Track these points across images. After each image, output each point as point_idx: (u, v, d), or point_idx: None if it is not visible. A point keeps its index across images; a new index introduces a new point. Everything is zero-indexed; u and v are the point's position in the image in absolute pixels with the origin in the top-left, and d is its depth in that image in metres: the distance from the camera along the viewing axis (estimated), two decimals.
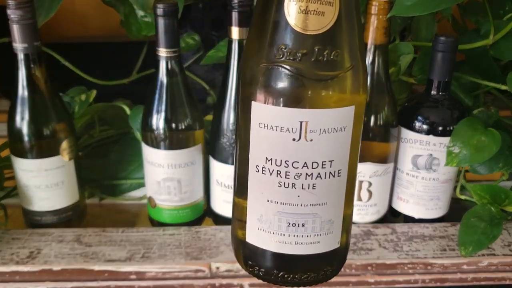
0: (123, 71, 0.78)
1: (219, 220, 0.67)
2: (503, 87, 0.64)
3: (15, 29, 0.56)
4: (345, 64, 0.29)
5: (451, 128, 0.61)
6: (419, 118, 0.62)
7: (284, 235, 0.32)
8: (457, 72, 0.68)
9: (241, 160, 0.32)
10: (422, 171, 0.64)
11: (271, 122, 0.29)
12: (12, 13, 0.56)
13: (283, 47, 0.28)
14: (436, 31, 0.68)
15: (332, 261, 0.34)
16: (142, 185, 0.74)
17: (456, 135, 0.60)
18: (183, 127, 0.61)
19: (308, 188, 0.31)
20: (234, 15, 0.56)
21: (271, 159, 0.30)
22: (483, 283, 0.60)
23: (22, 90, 0.60)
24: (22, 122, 0.60)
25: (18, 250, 0.60)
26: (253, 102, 0.30)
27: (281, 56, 0.28)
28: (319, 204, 0.31)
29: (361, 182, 0.64)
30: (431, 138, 0.62)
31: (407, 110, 0.64)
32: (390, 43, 0.67)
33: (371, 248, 0.62)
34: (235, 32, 0.57)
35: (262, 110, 0.30)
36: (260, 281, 0.59)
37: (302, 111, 0.29)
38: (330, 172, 0.31)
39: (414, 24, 0.69)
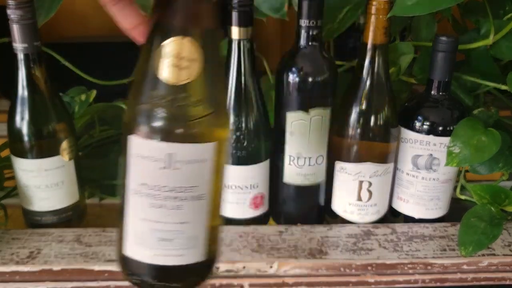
0: (123, 71, 0.78)
1: None
2: (503, 87, 0.64)
3: (15, 29, 0.56)
4: (206, 110, 0.36)
5: (451, 128, 0.61)
6: (419, 118, 0.62)
7: (156, 249, 0.38)
8: (457, 72, 0.68)
9: (122, 184, 0.38)
10: (422, 171, 0.64)
11: (144, 153, 0.36)
12: (12, 13, 0.56)
13: (154, 93, 0.35)
14: (436, 31, 0.68)
15: (198, 271, 0.40)
16: None
17: (456, 135, 0.60)
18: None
19: (175, 209, 0.36)
20: (234, 15, 0.56)
21: (145, 183, 0.36)
22: (483, 283, 0.60)
23: (22, 90, 0.60)
24: (22, 122, 0.60)
25: (18, 250, 0.60)
26: (130, 136, 0.36)
27: (153, 101, 0.35)
28: (184, 223, 0.37)
29: (361, 182, 0.64)
30: (431, 138, 0.62)
31: (407, 110, 0.64)
32: (390, 43, 0.68)
33: (371, 248, 0.62)
34: (235, 32, 0.57)
35: (137, 143, 0.36)
36: (259, 281, 0.59)
37: (170, 145, 0.35)
38: (193, 196, 0.37)
39: (414, 24, 0.69)
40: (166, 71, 0.34)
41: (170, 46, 0.34)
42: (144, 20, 0.38)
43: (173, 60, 0.34)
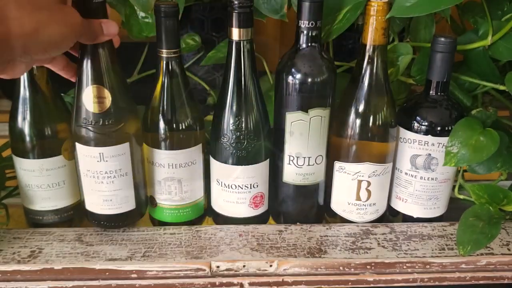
0: (124, 71, 0.78)
1: (220, 219, 0.67)
2: (502, 88, 0.65)
3: None
4: (119, 124, 0.57)
5: (450, 128, 0.62)
6: (418, 118, 0.63)
7: (102, 205, 0.62)
8: (455, 73, 0.68)
9: (78, 170, 0.61)
10: (420, 171, 0.64)
11: (85, 153, 0.58)
12: None
13: (85, 117, 0.56)
14: (435, 31, 0.68)
15: (130, 216, 0.64)
16: None
17: (454, 135, 0.60)
18: (184, 127, 0.61)
19: (111, 183, 0.60)
20: (234, 16, 0.56)
21: (89, 170, 0.59)
22: (481, 282, 0.61)
23: (24, 90, 0.60)
24: (24, 122, 0.61)
25: (19, 250, 0.60)
26: (75, 143, 0.58)
27: (86, 122, 0.56)
28: (117, 190, 0.60)
29: (360, 181, 0.64)
30: (429, 138, 0.62)
31: (406, 110, 0.64)
32: (389, 43, 0.68)
33: (370, 247, 0.62)
34: (235, 33, 0.57)
35: (79, 147, 0.58)
36: (259, 280, 0.60)
37: (101, 148, 0.58)
38: (120, 175, 0.60)
39: (413, 25, 0.69)
40: (89, 104, 0.56)
41: (90, 91, 0.55)
42: (68, 63, 0.55)
43: (92, 97, 0.55)
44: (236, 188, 0.63)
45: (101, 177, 0.59)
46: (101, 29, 0.52)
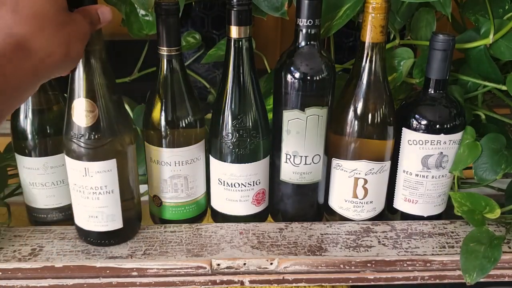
0: (124, 69, 0.78)
1: (220, 217, 0.67)
2: (503, 88, 0.65)
3: None
4: (105, 140, 0.56)
5: (449, 126, 0.61)
6: (429, 119, 0.62)
7: (88, 222, 0.60)
8: (456, 73, 0.68)
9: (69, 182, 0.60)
10: (432, 170, 0.64)
11: (72, 167, 0.58)
12: None
13: (73, 130, 0.55)
14: (436, 30, 0.68)
15: (117, 236, 0.62)
16: (142, 181, 0.74)
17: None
18: (188, 124, 0.61)
19: (96, 200, 0.58)
20: (233, 14, 0.56)
21: (75, 184, 0.58)
22: (481, 280, 0.61)
23: None
24: (26, 120, 0.61)
25: (20, 248, 0.60)
26: (65, 156, 0.58)
27: (72, 135, 0.56)
28: (103, 207, 0.59)
29: (356, 179, 0.64)
30: (442, 137, 0.62)
31: (410, 112, 0.63)
32: (389, 42, 0.68)
33: (371, 245, 0.62)
34: (234, 31, 0.57)
35: (68, 161, 0.58)
36: (260, 278, 0.60)
37: (86, 163, 0.57)
38: (106, 191, 0.58)
39: (414, 23, 0.69)
40: (78, 118, 0.55)
41: (79, 103, 0.54)
42: None
43: (80, 111, 0.54)
44: (240, 186, 0.63)
45: (87, 192, 0.58)
46: (98, 18, 0.50)
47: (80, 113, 0.54)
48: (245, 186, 0.64)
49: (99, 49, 0.54)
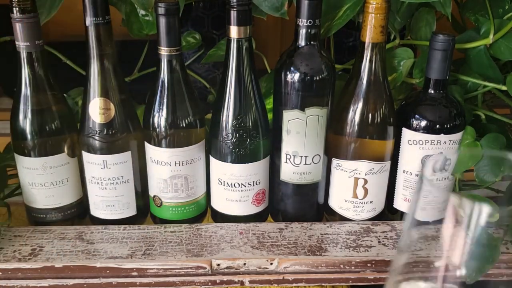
0: (124, 69, 0.78)
1: (220, 217, 0.67)
2: (503, 88, 0.65)
3: (18, 28, 0.57)
4: (121, 135, 0.61)
5: (449, 126, 0.61)
6: (428, 118, 0.62)
7: (105, 210, 0.65)
8: (456, 73, 0.68)
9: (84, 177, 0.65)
10: (436, 173, 0.63)
11: (92, 160, 0.62)
12: (15, 12, 0.56)
13: (91, 127, 0.61)
14: (436, 30, 0.68)
15: (131, 222, 0.66)
16: None
17: None
18: (189, 124, 0.61)
19: (113, 189, 0.64)
20: (233, 14, 0.56)
21: (93, 177, 0.63)
22: (480, 279, 0.61)
23: (25, 88, 0.60)
24: (25, 120, 0.61)
25: (20, 248, 0.60)
26: (82, 151, 0.63)
27: (90, 132, 0.61)
28: (119, 196, 0.64)
29: (356, 179, 0.64)
30: (441, 137, 0.62)
31: (410, 111, 0.63)
32: (388, 41, 0.68)
33: (371, 245, 0.62)
34: (234, 31, 0.57)
35: (85, 155, 0.63)
36: (260, 278, 0.60)
37: (104, 156, 0.62)
38: (122, 181, 0.64)
39: (414, 23, 0.69)
40: (95, 115, 0.60)
41: (96, 103, 0.60)
42: None
43: (97, 109, 0.60)
44: (240, 186, 0.63)
45: (105, 183, 0.63)
46: None
47: (99, 111, 0.60)
48: (245, 186, 0.64)
49: (112, 53, 0.60)
